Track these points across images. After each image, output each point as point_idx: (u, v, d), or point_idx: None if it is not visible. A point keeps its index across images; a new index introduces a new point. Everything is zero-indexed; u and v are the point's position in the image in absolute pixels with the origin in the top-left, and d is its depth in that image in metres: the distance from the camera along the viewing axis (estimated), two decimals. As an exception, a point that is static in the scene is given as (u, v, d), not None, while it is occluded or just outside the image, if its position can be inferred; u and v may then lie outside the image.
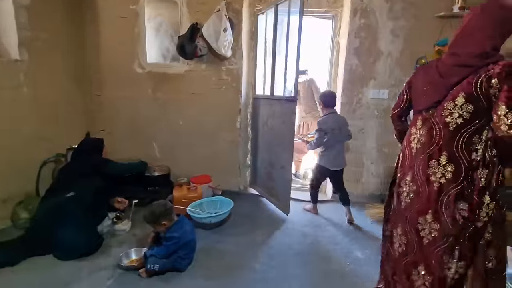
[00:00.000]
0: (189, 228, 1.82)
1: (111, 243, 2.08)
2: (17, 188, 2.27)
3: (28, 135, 2.36)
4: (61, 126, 2.72)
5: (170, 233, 1.74)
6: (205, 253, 1.99)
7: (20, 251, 1.83)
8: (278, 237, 2.27)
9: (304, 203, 2.97)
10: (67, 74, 2.79)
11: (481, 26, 1.07)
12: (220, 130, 3.02)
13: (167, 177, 2.94)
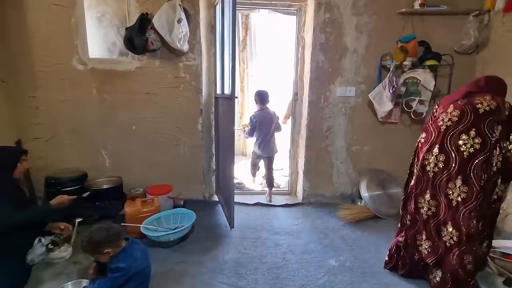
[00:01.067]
0: (140, 254, 1.51)
1: (43, 275, 1.70)
2: None
3: None
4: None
5: (116, 264, 1.42)
6: (163, 278, 1.70)
7: None
8: (248, 250, 2.05)
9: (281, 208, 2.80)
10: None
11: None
12: (180, 134, 2.72)
13: (118, 189, 2.57)
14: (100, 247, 1.42)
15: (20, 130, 2.57)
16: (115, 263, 1.43)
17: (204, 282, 1.68)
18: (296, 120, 3.11)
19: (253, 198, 3.06)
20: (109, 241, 1.43)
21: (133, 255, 1.48)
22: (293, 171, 3.21)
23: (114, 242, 1.45)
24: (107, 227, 1.47)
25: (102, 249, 1.42)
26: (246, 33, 4.90)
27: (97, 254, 1.44)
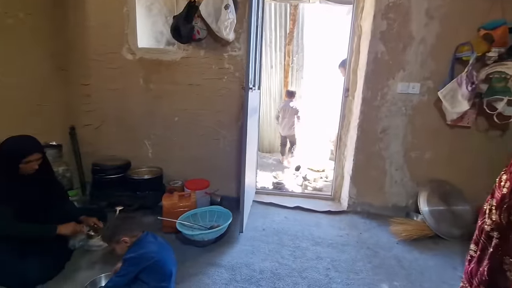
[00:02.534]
0: (155, 247, 1.42)
1: (81, 263, 1.71)
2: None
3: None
4: (40, 120, 2.36)
5: (126, 255, 1.38)
6: (193, 282, 1.60)
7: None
8: (286, 260, 1.86)
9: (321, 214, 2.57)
10: (47, 59, 2.42)
11: None
12: (220, 127, 2.61)
13: (158, 180, 2.56)
14: (116, 235, 1.38)
15: (74, 117, 2.70)
16: (126, 254, 1.37)
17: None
18: (344, 118, 2.81)
19: (292, 200, 2.85)
20: (124, 228, 1.40)
21: (144, 246, 1.40)
22: (337, 175, 2.92)
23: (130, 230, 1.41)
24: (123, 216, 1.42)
25: (118, 236, 1.38)
26: (294, 25, 4.64)
27: (115, 242, 1.40)
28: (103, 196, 2.42)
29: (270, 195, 2.98)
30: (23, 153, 1.55)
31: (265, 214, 2.53)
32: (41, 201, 1.69)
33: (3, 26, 2.03)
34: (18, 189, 1.56)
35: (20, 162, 1.54)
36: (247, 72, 1.90)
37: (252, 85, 2.16)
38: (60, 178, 2.27)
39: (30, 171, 1.60)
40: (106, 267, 1.67)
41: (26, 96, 2.25)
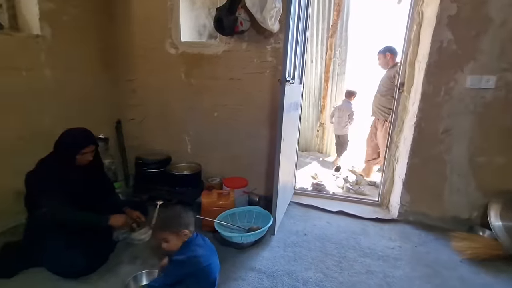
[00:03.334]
0: (203, 252, 1.34)
1: (123, 256, 1.72)
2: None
3: (50, 125, 2.11)
4: (88, 114, 2.45)
5: (176, 256, 1.31)
6: (234, 286, 1.52)
7: (20, 260, 1.56)
8: (332, 272, 1.69)
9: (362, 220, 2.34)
10: (96, 55, 2.51)
11: None
12: (260, 125, 2.50)
13: (197, 176, 2.54)
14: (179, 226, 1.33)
15: (120, 111, 2.79)
16: (176, 255, 1.30)
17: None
18: (397, 117, 2.52)
19: (334, 204, 2.66)
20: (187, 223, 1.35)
21: (194, 250, 1.33)
22: (387, 179, 2.64)
23: (189, 227, 1.36)
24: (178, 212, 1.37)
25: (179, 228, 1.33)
26: (338, 16, 4.34)
27: (173, 233, 1.33)
28: (145, 189, 2.47)
29: (309, 197, 2.81)
30: (80, 145, 1.60)
31: (306, 217, 2.37)
32: (91, 192, 1.74)
33: (59, 23, 2.13)
34: (72, 179, 1.62)
35: (77, 153, 1.59)
36: (285, 63, 1.75)
37: (291, 78, 2.01)
38: (106, 170, 2.34)
39: (84, 163, 1.65)
40: (147, 262, 1.67)
41: (78, 91, 2.35)
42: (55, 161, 1.59)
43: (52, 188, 1.52)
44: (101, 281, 1.50)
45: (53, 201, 1.51)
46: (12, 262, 1.54)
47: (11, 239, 1.74)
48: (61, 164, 1.59)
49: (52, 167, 1.57)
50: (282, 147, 1.86)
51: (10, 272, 1.50)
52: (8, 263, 1.54)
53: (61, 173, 1.56)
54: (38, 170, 1.59)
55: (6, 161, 1.88)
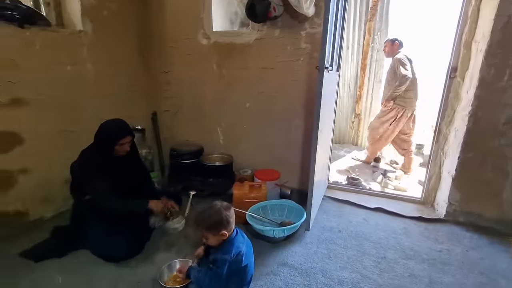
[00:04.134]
0: (244, 250, 1.31)
1: (159, 244, 1.78)
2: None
3: (92, 117, 2.23)
4: (127, 106, 2.56)
5: (220, 255, 1.27)
6: (266, 281, 1.48)
7: (68, 242, 1.68)
8: (370, 273, 1.58)
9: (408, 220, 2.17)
10: (133, 48, 2.59)
11: None
12: (293, 115, 2.41)
13: (229, 168, 2.54)
14: (218, 226, 1.26)
15: (156, 103, 2.87)
16: (220, 253, 1.27)
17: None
18: (447, 106, 2.26)
19: (371, 199, 2.49)
20: (227, 223, 1.28)
21: (238, 247, 1.29)
22: (432, 175, 2.41)
23: (230, 225, 1.30)
24: (218, 208, 1.32)
25: (219, 229, 1.26)
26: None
27: (212, 233, 1.27)
28: (179, 179, 2.53)
29: (344, 191, 2.67)
30: (117, 136, 1.66)
31: (340, 213, 2.26)
32: (130, 181, 1.81)
33: (99, 18, 2.21)
34: (112, 169, 1.69)
35: (115, 144, 1.66)
36: (324, 48, 1.62)
37: (329, 65, 1.87)
38: (143, 160, 2.44)
39: (122, 153, 1.72)
40: (182, 251, 1.70)
41: (118, 84, 2.45)
42: (95, 151, 1.68)
43: (95, 176, 1.60)
44: (139, 266, 1.57)
45: (97, 188, 1.60)
46: (62, 244, 1.67)
47: (61, 223, 1.89)
48: (101, 154, 1.66)
49: (93, 157, 1.66)
50: (318, 138, 1.76)
51: (61, 252, 1.63)
52: (58, 244, 1.67)
53: (101, 163, 1.64)
54: (80, 160, 1.69)
55: (55, 151, 2.03)
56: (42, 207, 2.01)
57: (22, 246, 1.68)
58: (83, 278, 1.46)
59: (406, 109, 3.18)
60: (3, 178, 1.79)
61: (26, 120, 1.85)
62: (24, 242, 1.72)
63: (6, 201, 1.81)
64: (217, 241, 1.30)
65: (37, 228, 1.89)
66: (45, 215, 2.04)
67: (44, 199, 2.01)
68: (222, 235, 1.27)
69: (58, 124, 2.04)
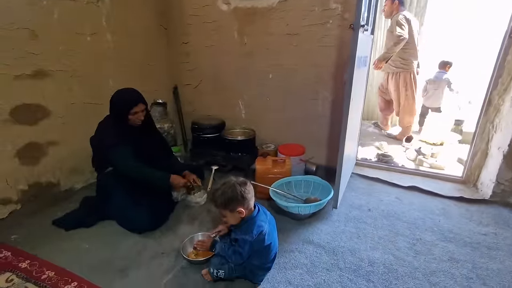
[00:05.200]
0: (267, 228, 1.24)
1: (183, 217, 1.78)
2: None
3: (114, 89, 2.19)
4: (148, 79, 2.51)
5: (241, 235, 1.21)
6: (288, 258, 1.42)
7: (97, 212, 1.72)
8: (404, 254, 1.47)
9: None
10: (152, 19, 2.48)
11: None
12: (320, 86, 2.22)
13: (251, 142, 2.45)
14: (233, 203, 1.19)
15: (176, 76, 2.79)
16: (241, 233, 1.21)
17: (343, 283, 1.28)
18: (503, 71, 1.95)
19: (403, 178, 2.31)
20: (243, 198, 1.20)
21: (260, 226, 1.22)
22: (478, 151, 2.15)
23: (248, 202, 1.22)
24: (241, 182, 1.24)
25: (234, 205, 1.19)
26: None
27: (228, 210, 1.21)
28: (201, 154, 2.49)
29: (373, 169, 2.50)
30: (130, 104, 1.62)
31: (370, 191, 2.12)
32: (148, 152, 1.78)
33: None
34: (129, 139, 1.66)
35: (129, 113, 1.62)
36: (359, 2, 1.39)
37: (365, 23, 1.64)
38: (165, 134, 2.42)
39: (137, 122, 1.68)
40: (204, 225, 1.69)
41: (137, 55, 2.39)
42: (111, 122, 1.66)
43: (113, 142, 1.59)
44: (163, 237, 1.57)
45: (117, 153, 1.59)
46: (90, 214, 1.72)
47: (90, 194, 1.94)
48: (117, 124, 1.64)
49: (110, 127, 1.64)
50: (350, 107, 1.58)
51: (89, 222, 1.68)
52: (87, 214, 1.72)
53: (119, 133, 1.62)
54: (97, 131, 1.68)
55: (81, 123, 2.05)
56: (72, 178, 2.08)
57: (55, 215, 1.75)
58: (108, 246, 1.49)
59: (404, 71, 3.14)
60: (33, 150, 1.84)
61: (51, 92, 1.86)
62: (57, 211, 1.79)
63: (39, 173, 1.88)
64: (235, 220, 1.23)
65: (68, 198, 1.97)
66: (75, 186, 2.11)
67: (73, 170, 2.07)
68: (239, 213, 1.20)
69: (82, 96, 2.04)
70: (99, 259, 1.40)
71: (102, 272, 1.32)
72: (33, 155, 1.85)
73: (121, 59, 2.25)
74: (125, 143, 1.62)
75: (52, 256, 1.40)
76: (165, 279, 1.28)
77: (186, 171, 1.92)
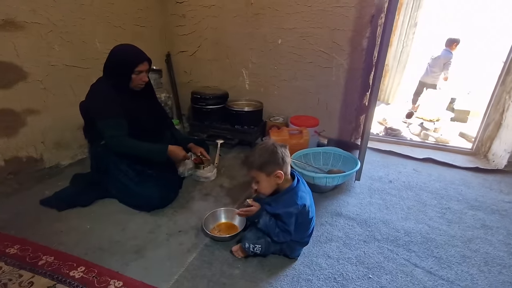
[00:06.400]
0: (309, 199, 1.09)
1: (193, 192, 1.59)
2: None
3: (101, 52, 1.90)
4: (138, 42, 2.13)
5: (284, 208, 1.03)
6: (323, 231, 1.31)
7: (94, 190, 1.49)
8: (436, 223, 1.40)
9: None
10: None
11: None
12: (335, 52, 2.05)
13: (259, 114, 2.27)
14: (271, 165, 1.02)
15: (170, 42, 2.50)
16: (283, 206, 1.04)
17: (385, 255, 1.18)
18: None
19: (415, 150, 2.26)
20: (283, 162, 1.03)
21: (302, 198, 1.06)
22: (491, 122, 2.13)
23: (287, 167, 1.06)
24: (281, 144, 1.06)
25: (272, 167, 1.02)
26: None
27: (265, 173, 1.02)
28: (202, 127, 2.28)
29: (383, 143, 2.43)
30: (134, 61, 1.37)
31: (385, 163, 2.04)
32: (148, 122, 1.56)
33: None
34: (128, 105, 1.41)
35: (132, 72, 1.37)
36: None
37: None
38: (163, 105, 2.16)
39: (140, 84, 1.44)
40: (220, 201, 1.52)
41: (127, 13, 2.06)
42: (107, 83, 1.39)
43: (107, 110, 1.35)
44: (177, 215, 1.39)
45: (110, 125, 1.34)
46: (86, 192, 1.48)
47: (81, 171, 1.69)
48: (115, 87, 1.38)
49: (105, 91, 1.37)
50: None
51: (85, 200, 1.45)
52: (82, 192, 1.48)
53: (116, 97, 1.37)
54: (89, 95, 1.41)
55: (64, 90, 1.76)
56: (57, 153, 1.80)
57: (42, 194, 1.49)
58: (114, 226, 1.29)
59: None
60: (8, 118, 1.54)
61: (25, 49, 1.54)
62: (44, 189, 1.53)
63: (17, 145, 1.59)
64: (269, 186, 1.06)
65: (55, 176, 1.70)
66: (62, 163, 1.83)
67: (57, 144, 1.79)
68: (277, 176, 1.03)
69: (64, 57, 1.73)
70: (106, 240, 1.20)
71: (112, 254, 1.13)
72: (8, 124, 1.55)
73: (108, 16, 1.94)
74: (119, 111, 1.37)
75: (47, 239, 1.18)
76: (189, 258, 1.11)
77: (191, 143, 1.75)
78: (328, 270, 1.09)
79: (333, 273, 1.08)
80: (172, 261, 1.10)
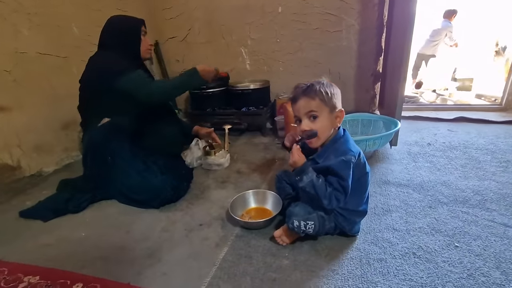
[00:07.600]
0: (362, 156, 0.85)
1: (208, 182, 1.33)
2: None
3: (79, 39, 1.66)
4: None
5: (336, 157, 0.79)
6: (375, 202, 1.06)
7: (86, 193, 1.22)
8: (502, 178, 1.18)
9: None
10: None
11: None
12: (344, 13, 1.84)
13: (266, 92, 2.03)
14: (337, 98, 0.82)
15: (156, 29, 2.25)
16: (335, 156, 0.79)
17: (461, 218, 0.95)
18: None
19: (440, 113, 2.07)
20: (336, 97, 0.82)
21: (356, 146, 0.85)
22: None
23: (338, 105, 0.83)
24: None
25: (337, 102, 0.81)
26: None
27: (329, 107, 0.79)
28: (205, 116, 2.02)
29: (404, 110, 2.22)
30: (138, 21, 1.30)
31: (415, 128, 1.84)
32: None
33: None
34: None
35: (139, 37, 1.29)
36: None
37: None
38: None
39: (148, 50, 1.35)
40: (242, 186, 1.26)
41: None
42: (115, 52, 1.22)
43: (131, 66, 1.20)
44: (192, 207, 1.13)
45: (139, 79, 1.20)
46: (76, 197, 1.20)
47: (69, 177, 1.41)
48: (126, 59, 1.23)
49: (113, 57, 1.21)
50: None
51: (76, 206, 1.17)
52: (71, 198, 1.20)
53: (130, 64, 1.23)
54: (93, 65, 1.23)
55: (41, 84, 1.49)
56: (37, 158, 1.51)
57: (22, 205, 1.21)
58: (117, 230, 1.02)
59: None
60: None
61: (-14, 32, 1.27)
62: (25, 200, 1.25)
63: (-14, 151, 1.31)
64: (328, 128, 0.82)
65: (37, 185, 1.42)
66: (45, 170, 1.54)
67: (37, 148, 1.51)
68: (337, 116, 0.82)
69: (36, 44, 1.46)
70: (108, 247, 0.93)
71: (118, 263, 0.85)
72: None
73: (87, 0, 1.69)
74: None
75: (30, 257, 0.90)
76: (220, 254, 0.85)
77: (197, 126, 1.60)
78: (402, 244, 0.85)
79: (409, 247, 0.83)
80: (199, 260, 0.84)
